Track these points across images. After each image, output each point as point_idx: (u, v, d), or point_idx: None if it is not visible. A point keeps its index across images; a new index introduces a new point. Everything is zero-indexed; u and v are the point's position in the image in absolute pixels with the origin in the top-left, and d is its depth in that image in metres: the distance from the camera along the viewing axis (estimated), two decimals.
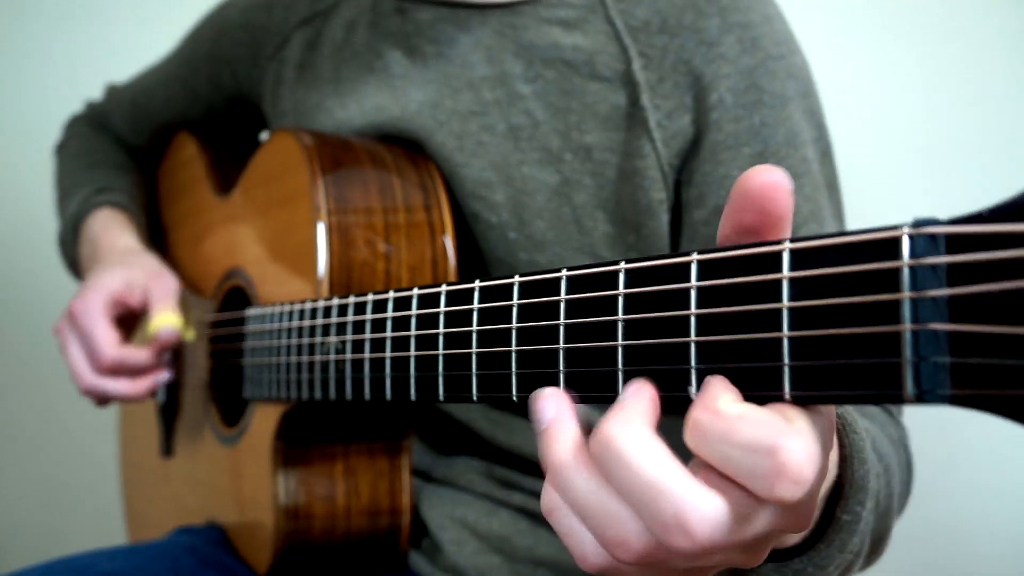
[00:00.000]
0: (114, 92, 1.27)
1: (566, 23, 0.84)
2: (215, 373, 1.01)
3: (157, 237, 1.20)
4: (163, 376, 0.97)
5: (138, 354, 0.95)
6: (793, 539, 0.52)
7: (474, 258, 0.87)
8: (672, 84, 0.80)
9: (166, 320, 0.95)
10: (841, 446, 0.52)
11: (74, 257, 1.12)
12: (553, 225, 0.83)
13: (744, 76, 0.78)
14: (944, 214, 0.35)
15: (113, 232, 1.07)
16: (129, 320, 0.99)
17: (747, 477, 0.36)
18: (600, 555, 0.42)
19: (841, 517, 0.52)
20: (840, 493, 0.52)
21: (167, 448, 1.11)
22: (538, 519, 0.87)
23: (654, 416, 0.41)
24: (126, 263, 1.00)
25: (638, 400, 0.41)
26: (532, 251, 0.83)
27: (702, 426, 0.38)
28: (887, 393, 0.35)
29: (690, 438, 0.39)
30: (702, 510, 0.37)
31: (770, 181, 0.40)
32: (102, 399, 0.97)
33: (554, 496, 0.43)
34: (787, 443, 0.35)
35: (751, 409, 0.37)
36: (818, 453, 0.37)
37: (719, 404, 0.38)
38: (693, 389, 0.41)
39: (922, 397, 0.34)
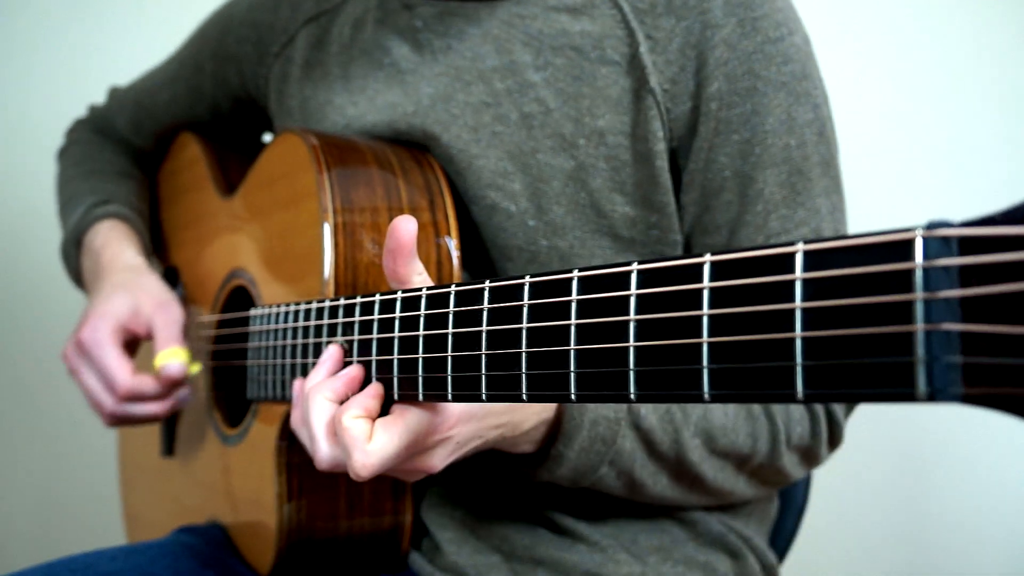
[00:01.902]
0: (116, 94, 1.26)
1: (573, 9, 0.85)
2: (217, 373, 1.01)
3: (159, 238, 1.20)
4: (184, 392, 0.98)
5: (152, 384, 0.95)
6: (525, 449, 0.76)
7: (491, 251, 0.88)
8: (678, 68, 0.81)
9: (173, 355, 0.95)
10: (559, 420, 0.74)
11: (77, 269, 1.12)
12: (571, 210, 0.84)
13: (742, 62, 0.80)
14: (954, 213, 0.36)
15: (115, 246, 1.07)
16: (133, 344, 1.00)
17: (343, 455, 0.64)
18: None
19: (551, 451, 0.75)
20: (555, 436, 0.75)
21: (168, 448, 1.11)
22: (538, 519, 0.87)
23: (342, 390, 0.66)
24: (129, 287, 1.00)
25: (339, 378, 0.67)
26: (552, 237, 0.84)
27: (335, 421, 0.64)
28: (899, 392, 0.35)
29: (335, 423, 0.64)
30: (321, 453, 0.66)
31: (395, 229, 0.64)
32: (128, 421, 0.98)
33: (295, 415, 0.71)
34: (353, 453, 0.62)
35: (355, 422, 0.62)
36: (377, 462, 0.62)
37: (343, 414, 0.63)
38: (706, 389, 0.42)
39: (934, 396, 0.34)
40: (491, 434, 0.69)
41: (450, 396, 0.58)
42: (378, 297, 0.66)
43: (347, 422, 0.63)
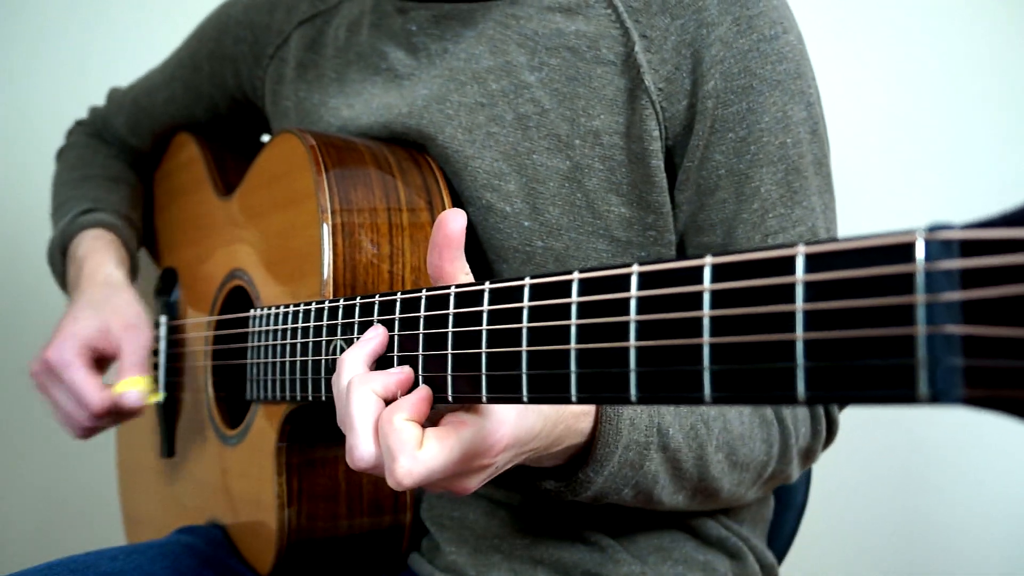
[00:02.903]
0: (115, 94, 1.27)
1: (567, 9, 0.85)
2: (217, 374, 1.01)
3: (156, 239, 1.20)
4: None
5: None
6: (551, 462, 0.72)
7: (487, 252, 0.88)
8: (673, 67, 0.81)
9: (132, 384, 0.95)
10: (595, 430, 0.71)
11: (63, 275, 1.13)
12: (567, 211, 0.84)
13: (738, 60, 0.80)
14: (954, 213, 0.36)
15: (97, 257, 1.07)
16: (104, 361, 1.00)
17: (384, 457, 0.58)
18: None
19: (579, 476, 0.72)
20: (585, 460, 0.71)
21: (168, 449, 1.11)
22: (537, 518, 0.87)
23: (393, 388, 0.61)
24: (100, 306, 1.00)
25: (391, 374, 0.61)
26: (548, 237, 0.84)
27: (381, 420, 0.59)
28: (900, 393, 0.35)
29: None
30: (361, 451, 0.59)
31: (444, 222, 0.61)
32: (99, 431, 0.99)
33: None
34: (400, 458, 0.56)
35: (406, 425, 0.57)
36: (424, 471, 0.57)
37: (394, 414, 0.58)
38: (707, 390, 0.42)
39: (936, 398, 0.34)
40: (522, 458, 0.66)
41: (450, 398, 0.58)
42: (377, 298, 0.66)
43: (398, 423, 0.57)
